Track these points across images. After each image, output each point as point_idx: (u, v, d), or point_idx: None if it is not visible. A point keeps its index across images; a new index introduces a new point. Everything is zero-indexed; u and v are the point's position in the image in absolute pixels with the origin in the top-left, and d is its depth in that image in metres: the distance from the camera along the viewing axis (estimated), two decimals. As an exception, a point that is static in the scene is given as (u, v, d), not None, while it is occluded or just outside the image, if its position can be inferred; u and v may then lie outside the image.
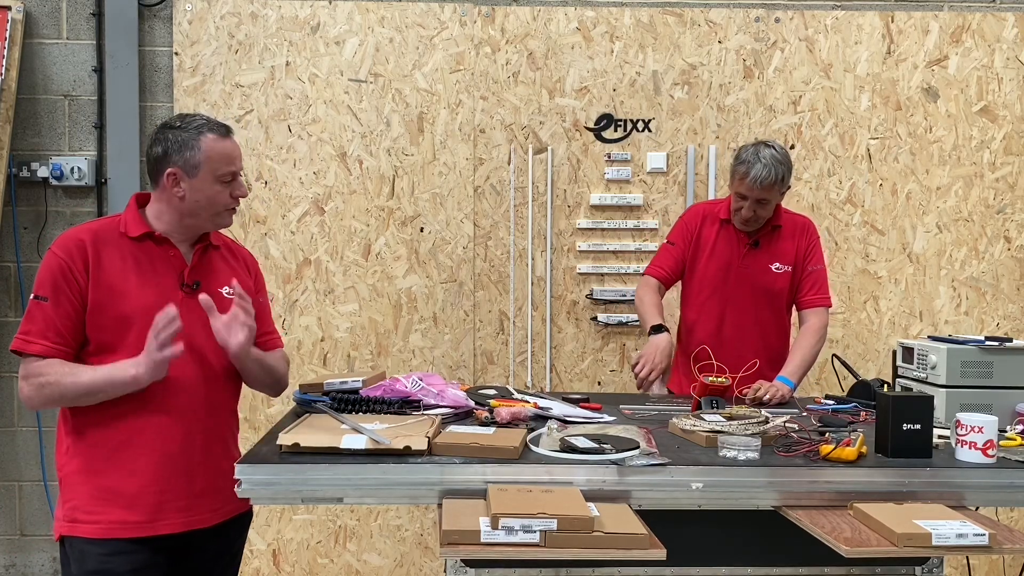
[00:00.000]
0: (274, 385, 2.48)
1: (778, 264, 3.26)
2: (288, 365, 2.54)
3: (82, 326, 2.16)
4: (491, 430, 2.31)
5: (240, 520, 2.40)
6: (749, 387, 2.86)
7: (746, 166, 3.09)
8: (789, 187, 3.22)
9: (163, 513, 2.20)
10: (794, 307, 3.34)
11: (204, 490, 2.24)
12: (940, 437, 2.36)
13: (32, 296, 2.18)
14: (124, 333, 2.16)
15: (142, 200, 2.30)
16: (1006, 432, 2.47)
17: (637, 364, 3.08)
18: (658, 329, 3.15)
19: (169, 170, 2.20)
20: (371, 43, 4.01)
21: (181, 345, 2.12)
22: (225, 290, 2.32)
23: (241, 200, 2.34)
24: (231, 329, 2.21)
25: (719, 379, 2.74)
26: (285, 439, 2.12)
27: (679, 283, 3.42)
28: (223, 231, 2.43)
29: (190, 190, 2.21)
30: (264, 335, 2.44)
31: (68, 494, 2.20)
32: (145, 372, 2.11)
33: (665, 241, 3.44)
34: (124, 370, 2.12)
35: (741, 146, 3.24)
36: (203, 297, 2.20)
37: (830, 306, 3.31)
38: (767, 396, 2.85)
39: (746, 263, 3.26)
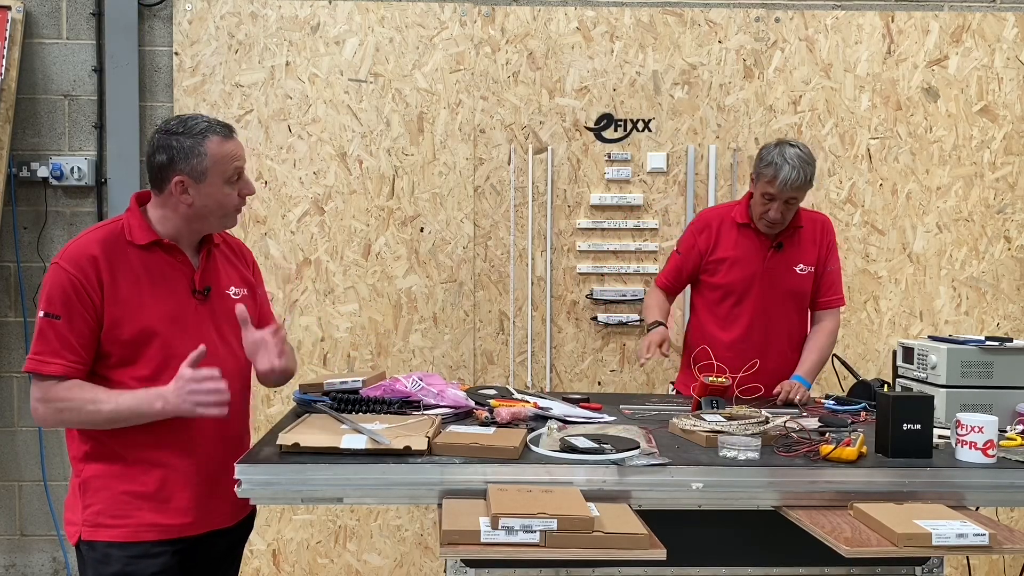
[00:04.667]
0: (288, 378, 2.48)
1: (802, 265, 3.18)
2: (294, 352, 2.50)
3: (97, 342, 2.12)
4: (491, 430, 2.32)
5: (247, 521, 2.41)
6: (749, 384, 2.79)
7: (774, 168, 2.99)
8: (812, 185, 3.12)
9: (187, 514, 2.20)
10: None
11: (224, 491, 2.22)
12: (940, 437, 2.36)
13: (42, 314, 2.09)
14: (143, 346, 2.14)
15: (142, 199, 2.25)
16: (1006, 432, 2.47)
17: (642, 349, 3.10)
18: (655, 324, 3.18)
19: (176, 178, 2.15)
20: (371, 43, 4.01)
21: (226, 409, 2.11)
22: (232, 290, 2.32)
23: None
24: (262, 354, 2.23)
25: (719, 379, 2.74)
26: (285, 439, 2.12)
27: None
28: None
29: (198, 196, 2.17)
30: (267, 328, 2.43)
31: (90, 499, 2.16)
32: (174, 410, 2.10)
33: (674, 249, 3.38)
34: (150, 403, 2.09)
35: (763, 146, 3.11)
36: (239, 309, 2.22)
37: (844, 305, 3.31)
38: (798, 397, 2.91)
39: (770, 266, 3.17)
